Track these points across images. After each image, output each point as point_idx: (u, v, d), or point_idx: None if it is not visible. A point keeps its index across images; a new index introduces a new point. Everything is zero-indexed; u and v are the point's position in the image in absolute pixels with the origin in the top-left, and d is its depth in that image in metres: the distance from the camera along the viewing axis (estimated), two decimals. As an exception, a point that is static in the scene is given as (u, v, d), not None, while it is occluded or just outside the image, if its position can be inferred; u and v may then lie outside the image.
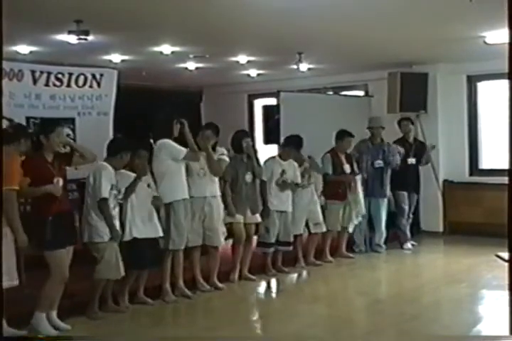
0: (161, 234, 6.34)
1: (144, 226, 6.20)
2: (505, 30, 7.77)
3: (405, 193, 9.50)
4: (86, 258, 6.00)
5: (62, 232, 5.39)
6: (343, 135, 8.64)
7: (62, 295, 5.61)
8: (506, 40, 8.20)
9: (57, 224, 5.36)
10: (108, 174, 5.90)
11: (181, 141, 6.66)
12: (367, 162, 9.02)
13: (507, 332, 5.42)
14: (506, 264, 7.98)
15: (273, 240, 7.72)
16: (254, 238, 7.72)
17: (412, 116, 9.93)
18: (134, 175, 6.17)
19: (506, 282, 7.31)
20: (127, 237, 6.09)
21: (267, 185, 7.67)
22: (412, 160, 9.54)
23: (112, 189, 5.90)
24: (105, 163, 5.98)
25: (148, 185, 6.33)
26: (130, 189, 6.14)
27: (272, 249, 7.79)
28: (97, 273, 5.86)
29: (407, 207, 9.52)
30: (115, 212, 5.98)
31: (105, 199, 5.81)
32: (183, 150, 6.53)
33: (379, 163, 9.08)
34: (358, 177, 8.77)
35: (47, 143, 5.47)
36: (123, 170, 6.17)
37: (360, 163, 8.93)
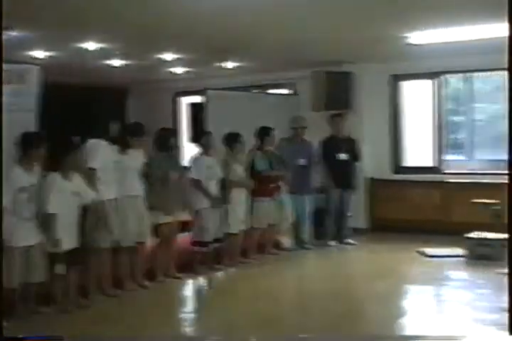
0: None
1: (70, 236, 5.95)
2: (430, 32, 8.02)
3: (336, 190, 9.42)
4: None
5: None
6: (268, 131, 8.68)
7: None
8: (431, 40, 8.46)
9: None
10: (13, 178, 5.57)
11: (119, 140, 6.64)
12: (291, 160, 9.01)
13: (429, 326, 5.60)
14: (428, 259, 8.21)
15: (211, 238, 7.72)
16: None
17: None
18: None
19: (430, 277, 7.56)
20: (60, 249, 5.83)
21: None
22: (343, 156, 9.40)
23: (21, 192, 5.60)
24: (16, 165, 5.68)
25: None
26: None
27: (211, 247, 7.79)
28: None
29: (333, 205, 9.49)
30: (29, 213, 5.69)
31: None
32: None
33: (302, 161, 9.15)
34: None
35: None
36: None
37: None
